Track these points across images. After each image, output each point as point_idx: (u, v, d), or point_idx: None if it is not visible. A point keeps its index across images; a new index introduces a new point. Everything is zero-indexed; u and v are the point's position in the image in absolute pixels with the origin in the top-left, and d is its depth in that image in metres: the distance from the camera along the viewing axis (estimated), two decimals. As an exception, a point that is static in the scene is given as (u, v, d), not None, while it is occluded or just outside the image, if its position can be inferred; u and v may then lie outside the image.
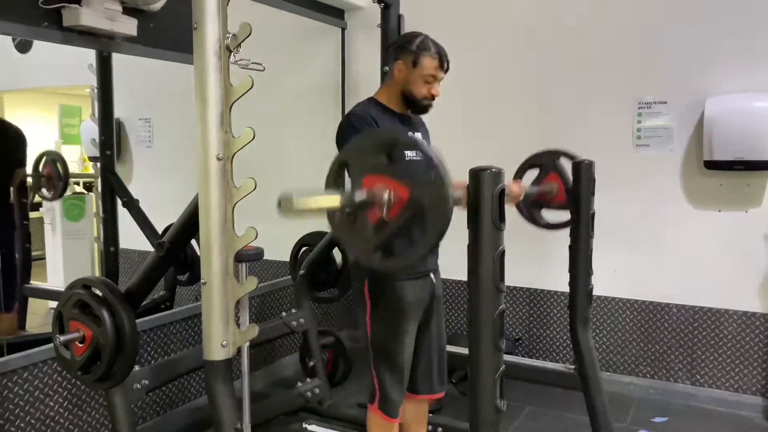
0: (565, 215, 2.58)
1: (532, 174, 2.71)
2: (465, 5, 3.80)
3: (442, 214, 1.37)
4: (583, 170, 2.43)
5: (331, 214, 1.50)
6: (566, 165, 2.57)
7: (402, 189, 1.41)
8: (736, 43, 3.19)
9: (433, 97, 2.15)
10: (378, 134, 1.48)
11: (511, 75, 3.75)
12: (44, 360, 2.47)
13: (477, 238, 1.48)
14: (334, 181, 1.51)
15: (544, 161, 2.64)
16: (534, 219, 2.74)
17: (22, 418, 2.41)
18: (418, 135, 2.24)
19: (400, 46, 2.16)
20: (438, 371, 2.32)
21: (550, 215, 2.72)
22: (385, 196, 1.41)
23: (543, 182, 2.64)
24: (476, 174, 1.47)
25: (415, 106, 2.17)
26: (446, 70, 2.16)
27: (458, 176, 1.59)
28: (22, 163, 3.01)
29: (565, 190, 2.56)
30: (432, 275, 2.23)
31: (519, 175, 2.71)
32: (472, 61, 3.66)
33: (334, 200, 1.41)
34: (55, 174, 3.17)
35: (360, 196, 1.42)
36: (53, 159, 3.18)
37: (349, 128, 2.04)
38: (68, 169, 3.20)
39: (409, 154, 1.93)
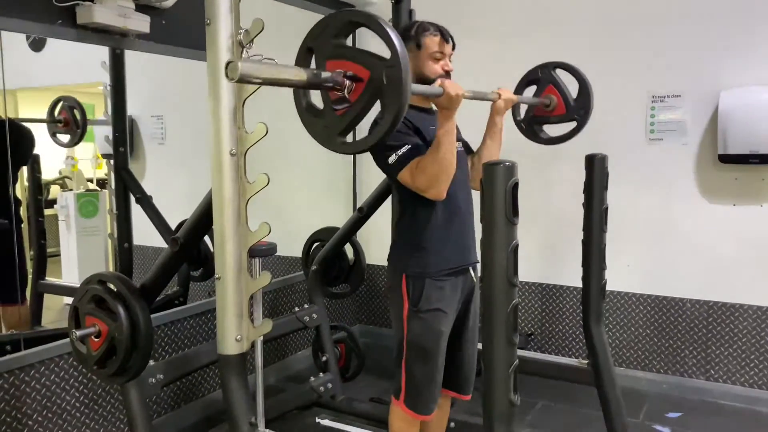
0: (566, 127, 2.56)
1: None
2: (476, -1, 3.78)
3: (399, 93, 1.40)
4: (597, 164, 2.42)
5: (297, 99, 1.53)
6: (565, 77, 2.54)
7: (362, 70, 1.43)
8: (750, 35, 3.16)
9: (447, 74, 2.11)
10: (339, 16, 1.48)
11: (523, 68, 3.72)
12: (60, 355, 2.50)
13: (490, 232, 1.48)
14: (303, 60, 1.52)
15: (541, 75, 2.60)
16: (535, 135, 2.70)
17: (39, 412, 2.44)
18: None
19: (401, 37, 2.14)
20: (464, 372, 2.28)
21: (551, 130, 2.68)
22: (345, 76, 1.44)
23: (541, 96, 2.61)
24: (489, 168, 1.47)
25: None
26: (453, 46, 2.14)
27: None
28: (24, 162, 3.03)
29: (564, 102, 2.54)
30: (471, 270, 2.21)
31: (516, 94, 2.64)
32: (483, 54, 3.64)
33: (295, 74, 1.40)
34: (72, 119, 3.10)
35: (323, 74, 1.43)
36: (69, 105, 3.11)
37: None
38: (86, 115, 3.12)
39: None
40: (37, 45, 2.86)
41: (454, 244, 2.12)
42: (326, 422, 3.07)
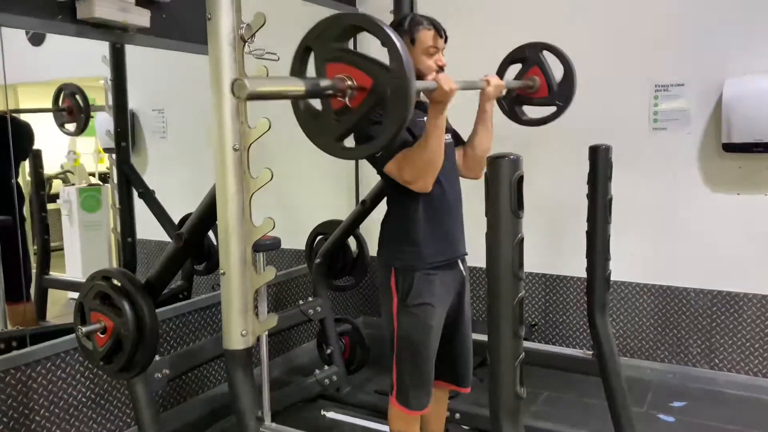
0: (546, 110, 2.55)
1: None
2: (477, -11, 3.76)
3: (403, 102, 1.37)
4: (600, 155, 2.40)
5: (295, 103, 1.49)
6: (550, 59, 2.53)
7: (364, 77, 1.40)
8: (754, 24, 3.14)
9: (441, 69, 2.09)
10: (341, 19, 1.44)
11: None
12: (66, 350, 2.50)
13: (495, 226, 1.48)
14: (299, 67, 1.48)
15: (527, 54, 2.57)
16: (515, 115, 2.68)
17: (46, 408, 2.45)
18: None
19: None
20: (464, 364, 2.29)
21: (531, 111, 2.67)
22: (348, 83, 1.40)
23: (525, 76, 2.59)
24: (494, 161, 1.46)
25: None
26: (445, 39, 2.11)
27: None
28: (25, 156, 3.02)
29: (548, 85, 2.53)
30: (460, 263, 2.20)
31: (501, 71, 2.64)
32: (485, 45, 3.61)
33: (297, 86, 1.37)
34: (75, 106, 3.07)
35: (324, 82, 1.40)
36: (72, 92, 3.08)
37: None
38: (89, 101, 3.09)
39: None
40: (36, 39, 2.85)
41: (443, 236, 2.10)
42: (331, 414, 3.09)
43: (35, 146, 3.09)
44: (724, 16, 3.20)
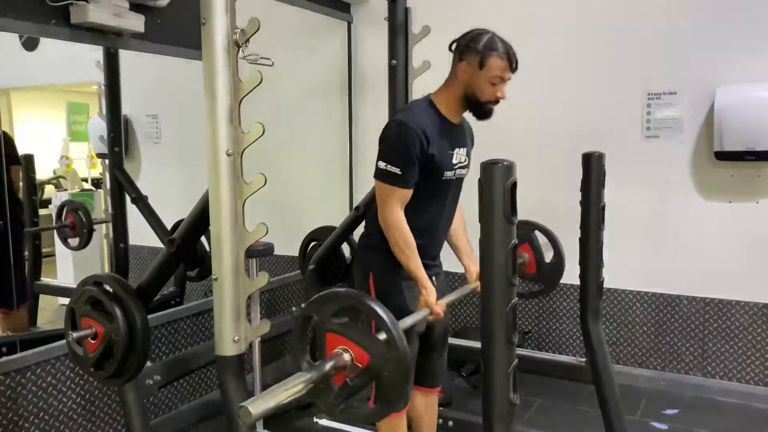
0: (535, 287, 2.71)
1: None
2: (472, -3, 3.77)
3: (399, 392, 1.37)
4: (594, 162, 2.41)
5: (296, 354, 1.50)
6: (540, 238, 2.66)
7: (362, 354, 1.38)
8: (746, 32, 3.17)
9: (497, 101, 2.04)
10: (340, 296, 1.44)
11: (519, 67, 3.71)
12: (57, 356, 2.48)
13: (489, 232, 1.48)
14: (299, 336, 1.50)
15: (519, 231, 2.62)
16: None
17: (36, 414, 2.43)
18: (464, 150, 2.17)
19: (465, 45, 2.02)
20: (441, 366, 2.36)
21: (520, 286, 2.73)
22: (347, 357, 1.39)
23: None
24: (488, 167, 1.46)
25: (480, 110, 2.07)
26: (515, 71, 2.04)
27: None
28: (17, 160, 3.02)
29: (536, 262, 2.64)
30: (434, 278, 2.18)
31: None
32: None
33: (301, 383, 1.36)
34: (78, 222, 3.22)
35: (327, 365, 1.39)
36: (74, 208, 3.23)
37: (400, 141, 1.97)
38: (91, 216, 3.23)
39: None
40: (30, 44, 2.84)
41: (424, 249, 2.09)
42: (324, 422, 3.07)
43: (29, 151, 3.09)
44: (716, 26, 3.22)
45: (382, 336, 1.38)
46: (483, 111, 2.07)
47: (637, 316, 3.57)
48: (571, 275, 2.59)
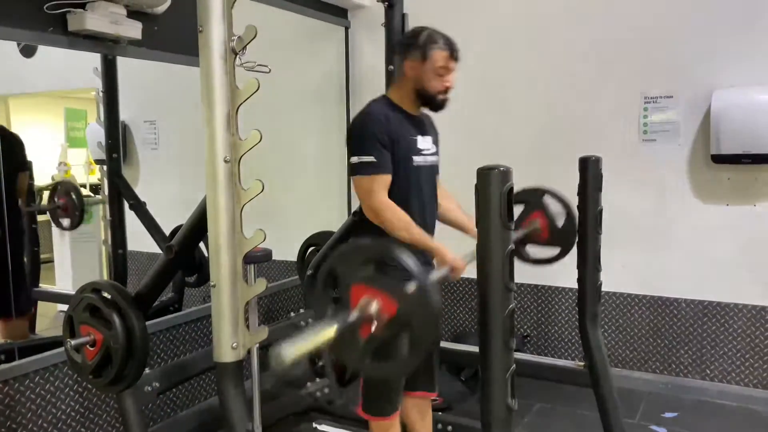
0: (551, 251, 2.62)
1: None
2: (468, 2, 3.79)
3: (430, 332, 1.38)
4: (590, 166, 2.42)
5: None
6: (551, 202, 2.60)
7: (390, 303, 1.39)
8: (742, 36, 3.18)
9: (447, 90, 2.12)
10: (367, 247, 1.46)
11: (516, 72, 3.74)
12: (56, 364, 2.48)
13: (485, 238, 1.48)
14: (323, 288, 1.51)
15: (530, 198, 2.64)
16: (520, 255, 2.71)
17: (34, 422, 2.42)
18: (428, 138, 2.22)
19: (406, 44, 2.14)
20: (434, 370, 2.36)
21: (537, 251, 2.70)
22: (373, 307, 1.39)
23: (527, 219, 2.64)
24: (484, 173, 1.47)
25: (432, 102, 2.15)
26: (457, 60, 2.13)
27: (461, 174, 1.55)
28: (25, 167, 3.02)
29: (550, 228, 2.59)
30: None
31: None
32: (475, 58, 3.64)
33: (328, 333, 1.36)
34: (71, 204, 3.26)
35: (351, 317, 1.39)
36: (67, 189, 3.26)
37: (365, 129, 2.05)
38: (83, 197, 3.29)
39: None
40: (28, 51, 2.84)
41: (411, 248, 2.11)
42: (323, 427, 3.07)
43: (27, 158, 3.09)
44: (712, 29, 3.23)
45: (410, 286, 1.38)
46: (436, 102, 2.14)
47: (635, 320, 3.57)
48: (569, 279, 2.59)
